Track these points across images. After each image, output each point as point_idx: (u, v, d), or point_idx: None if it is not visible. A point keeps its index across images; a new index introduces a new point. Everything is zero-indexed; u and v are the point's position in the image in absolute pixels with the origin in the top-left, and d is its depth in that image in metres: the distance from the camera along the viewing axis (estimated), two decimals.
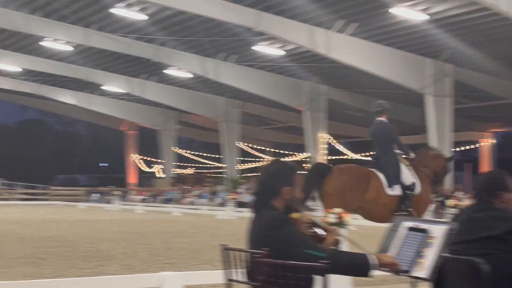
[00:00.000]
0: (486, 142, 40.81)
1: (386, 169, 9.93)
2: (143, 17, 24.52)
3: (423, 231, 3.88)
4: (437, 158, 10.66)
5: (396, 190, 9.93)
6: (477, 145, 42.42)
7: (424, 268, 3.70)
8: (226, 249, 4.02)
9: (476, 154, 43.82)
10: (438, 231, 3.78)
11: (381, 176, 9.98)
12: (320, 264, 3.35)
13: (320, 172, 9.95)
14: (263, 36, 25.48)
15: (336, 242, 4.20)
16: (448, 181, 26.63)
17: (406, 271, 3.76)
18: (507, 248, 3.93)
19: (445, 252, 3.74)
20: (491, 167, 39.27)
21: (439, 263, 3.67)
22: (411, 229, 3.96)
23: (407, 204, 10.00)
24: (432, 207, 10.25)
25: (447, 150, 27.29)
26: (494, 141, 41.60)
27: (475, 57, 25.69)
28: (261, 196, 3.92)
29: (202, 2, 22.17)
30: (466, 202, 21.55)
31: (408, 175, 10.08)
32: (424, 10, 21.32)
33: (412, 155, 10.47)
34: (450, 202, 19.68)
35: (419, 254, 3.80)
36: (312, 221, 4.07)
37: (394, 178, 9.91)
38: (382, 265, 3.72)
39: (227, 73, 30.81)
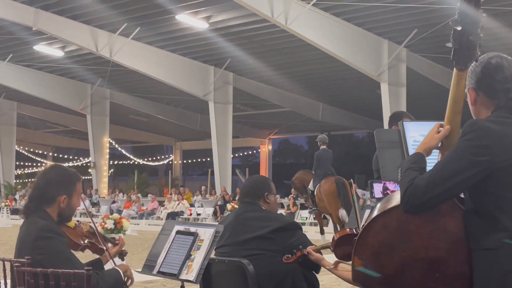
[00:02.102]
0: (264, 148, 42.90)
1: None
2: None
3: (192, 234, 3.94)
4: None
5: None
6: (257, 151, 44.45)
7: (193, 270, 3.75)
8: None
9: (256, 160, 45.90)
10: (206, 234, 3.86)
11: None
12: (82, 271, 3.23)
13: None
14: (42, 36, 24.39)
15: (121, 254, 4.11)
16: (228, 186, 27.62)
17: (174, 274, 3.79)
18: (271, 247, 4.09)
19: (211, 255, 3.82)
20: (269, 171, 41.36)
21: (205, 265, 3.73)
22: (181, 232, 4.00)
23: None
24: None
25: (228, 156, 28.27)
26: (271, 147, 43.87)
27: (254, 67, 26.87)
28: (35, 201, 3.69)
29: None
30: None
31: None
32: (206, 19, 21.83)
33: None
34: (229, 205, 20.40)
35: (189, 257, 3.84)
36: (92, 231, 3.94)
37: None
38: (125, 275, 3.73)
39: (3, 73, 29.00)
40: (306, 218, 21.88)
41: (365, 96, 29.59)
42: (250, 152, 45.90)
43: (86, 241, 3.87)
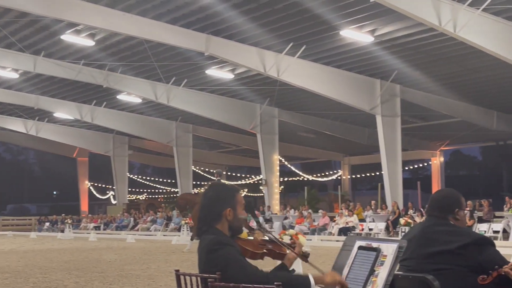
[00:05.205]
0: (436, 160, 41.61)
1: None
2: (90, 43, 24.37)
3: (375, 249, 3.93)
4: None
5: None
6: (428, 163, 43.23)
7: (377, 286, 3.74)
8: (179, 274, 3.99)
9: (427, 172, 44.65)
10: (389, 249, 3.83)
11: None
12: (271, 286, 3.34)
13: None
14: (213, 60, 25.57)
15: (305, 256, 4.19)
16: (399, 200, 27.07)
17: None
18: (459, 263, 3.98)
19: (395, 270, 3.79)
20: (441, 184, 40.01)
21: (390, 281, 3.71)
22: (363, 248, 4.00)
23: None
24: None
25: (398, 169, 27.74)
26: (443, 159, 42.45)
27: (421, 77, 26.27)
28: (204, 221, 3.87)
29: (151, 27, 22.12)
30: (417, 219, 21.88)
31: None
32: (370, 32, 21.71)
33: None
34: (402, 220, 19.99)
35: (372, 273, 3.83)
36: (267, 239, 4.04)
37: None
38: (326, 285, 3.73)
39: (178, 98, 30.76)
40: (485, 231, 20.88)
41: None
42: (420, 165, 44.77)
43: (264, 249, 3.96)
